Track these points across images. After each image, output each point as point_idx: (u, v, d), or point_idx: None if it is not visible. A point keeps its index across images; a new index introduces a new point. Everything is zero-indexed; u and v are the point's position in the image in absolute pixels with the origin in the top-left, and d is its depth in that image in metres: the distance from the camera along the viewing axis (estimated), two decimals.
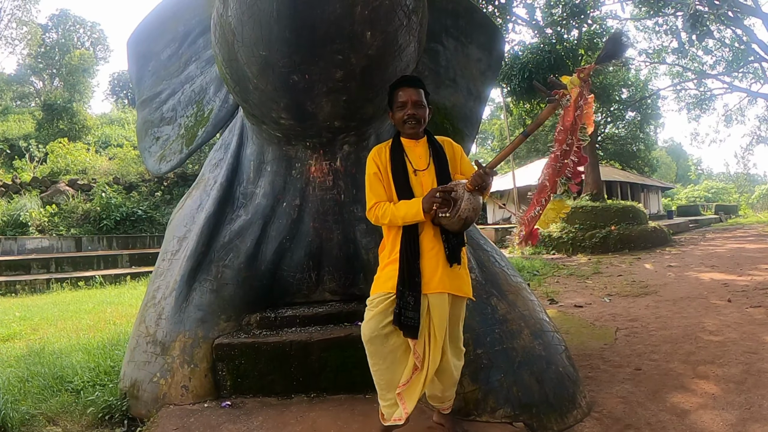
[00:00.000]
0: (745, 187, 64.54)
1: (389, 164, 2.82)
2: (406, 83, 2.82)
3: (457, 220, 2.61)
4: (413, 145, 2.86)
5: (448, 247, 2.75)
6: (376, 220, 2.80)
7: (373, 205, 2.80)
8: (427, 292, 2.70)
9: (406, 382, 2.77)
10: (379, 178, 2.82)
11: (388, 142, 2.91)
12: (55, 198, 18.99)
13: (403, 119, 2.80)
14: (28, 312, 8.74)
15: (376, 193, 2.81)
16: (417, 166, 2.82)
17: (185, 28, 4.64)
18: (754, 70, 26.67)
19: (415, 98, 2.79)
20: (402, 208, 2.70)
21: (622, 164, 33.19)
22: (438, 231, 2.74)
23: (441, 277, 2.72)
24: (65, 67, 39.58)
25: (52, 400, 3.81)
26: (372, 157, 2.87)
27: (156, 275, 4.18)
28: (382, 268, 2.84)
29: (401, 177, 2.79)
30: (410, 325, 2.65)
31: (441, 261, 2.74)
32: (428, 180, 2.80)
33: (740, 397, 3.71)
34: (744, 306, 6.82)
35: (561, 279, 10.85)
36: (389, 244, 2.83)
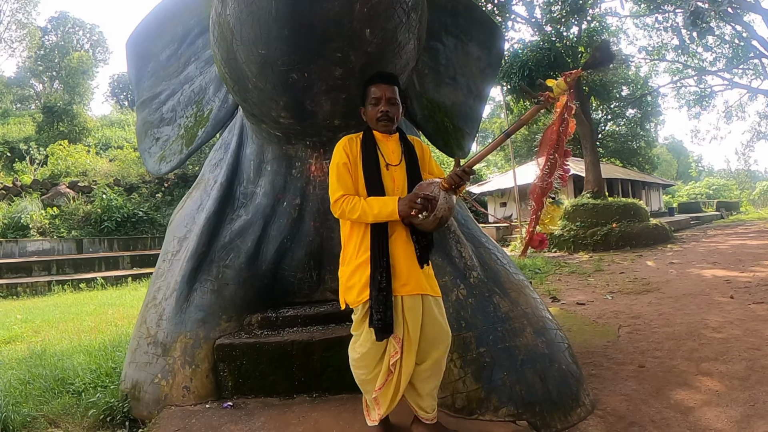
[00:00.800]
0: (746, 183, 64.50)
1: (360, 156, 2.73)
2: (380, 79, 2.74)
3: (433, 219, 2.56)
4: (386, 140, 2.80)
5: (418, 248, 2.70)
6: (342, 214, 2.68)
7: (340, 197, 2.66)
8: (402, 294, 2.64)
9: (381, 386, 2.72)
10: (348, 168, 2.71)
11: (359, 134, 2.82)
12: (56, 200, 18.99)
13: (376, 116, 2.73)
14: (29, 314, 8.74)
15: (344, 184, 2.68)
16: (389, 160, 2.76)
17: (184, 29, 4.63)
18: (755, 66, 26.63)
19: (389, 95, 2.72)
20: (375, 205, 2.60)
21: (622, 162, 33.22)
22: (408, 231, 2.69)
23: (417, 279, 2.67)
24: (65, 70, 39.58)
25: (53, 402, 3.80)
26: (342, 146, 2.76)
27: (156, 276, 4.17)
28: (352, 273, 2.71)
29: (373, 170, 2.70)
30: (380, 327, 2.58)
31: (413, 262, 2.68)
32: (400, 176, 2.74)
33: (744, 394, 3.70)
34: (747, 302, 6.80)
35: (563, 277, 10.83)
36: (354, 244, 2.73)
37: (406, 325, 2.65)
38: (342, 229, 2.82)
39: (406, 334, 2.65)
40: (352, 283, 2.71)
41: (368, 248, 2.66)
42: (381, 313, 2.57)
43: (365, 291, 2.63)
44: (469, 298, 3.53)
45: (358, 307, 2.70)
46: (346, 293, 2.75)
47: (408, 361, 2.69)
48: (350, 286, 2.72)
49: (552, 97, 2.48)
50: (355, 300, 2.69)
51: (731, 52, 25.77)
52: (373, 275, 2.61)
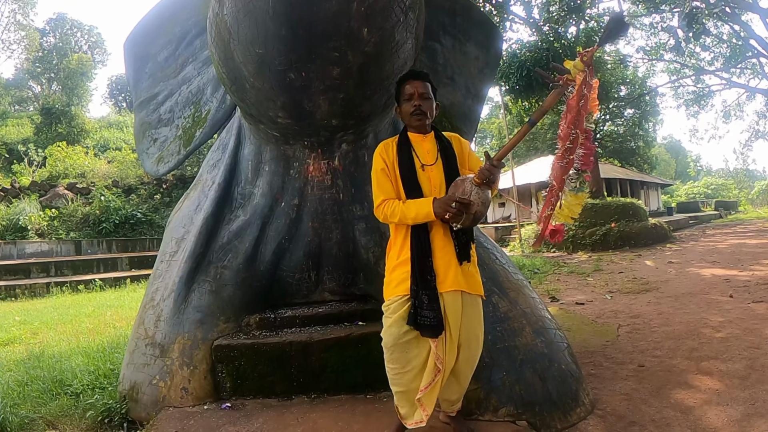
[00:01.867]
0: (745, 182, 64.52)
1: (396, 159, 2.78)
2: (413, 76, 2.81)
3: (467, 216, 2.57)
4: (421, 140, 2.83)
5: (458, 244, 2.71)
6: (385, 219, 2.75)
7: (381, 202, 2.74)
8: (442, 291, 2.66)
9: (426, 386, 2.71)
10: (386, 173, 2.77)
11: (395, 138, 2.87)
12: (54, 202, 18.98)
13: (410, 111, 2.77)
14: (27, 316, 8.72)
15: (383, 190, 2.76)
16: (425, 161, 2.78)
17: (182, 30, 4.63)
18: (752, 65, 26.65)
19: (422, 90, 2.77)
20: (412, 208, 2.65)
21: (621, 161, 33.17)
22: (447, 229, 2.71)
23: (455, 275, 2.69)
24: (63, 71, 39.56)
25: (51, 403, 3.80)
26: (379, 152, 2.82)
27: (154, 277, 4.16)
28: (392, 270, 2.79)
29: (409, 172, 2.75)
30: (427, 325, 2.61)
31: (452, 259, 2.70)
32: (436, 175, 2.76)
33: (744, 393, 3.69)
34: (746, 301, 6.80)
35: (562, 276, 10.83)
36: (397, 245, 2.79)
37: (447, 322, 2.67)
38: (390, 229, 2.89)
39: (447, 331, 2.68)
40: (391, 278, 2.78)
41: (409, 247, 2.72)
42: (435, 311, 2.61)
43: (402, 285, 2.69)
44: None
45: (392, 299, 2.73)
46: (386, 288, 2.81)
47: (450, 358, 2.72)
48: (389, 282, 2.79)
49: (570, 79, 2.45)
50: (392, 292, 2.74)
51: (729, 51, 25.80)
52: (423, 275, 2.65)
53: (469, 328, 2.75)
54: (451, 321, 2.67)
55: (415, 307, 2.63)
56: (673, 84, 28.84)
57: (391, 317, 2.71)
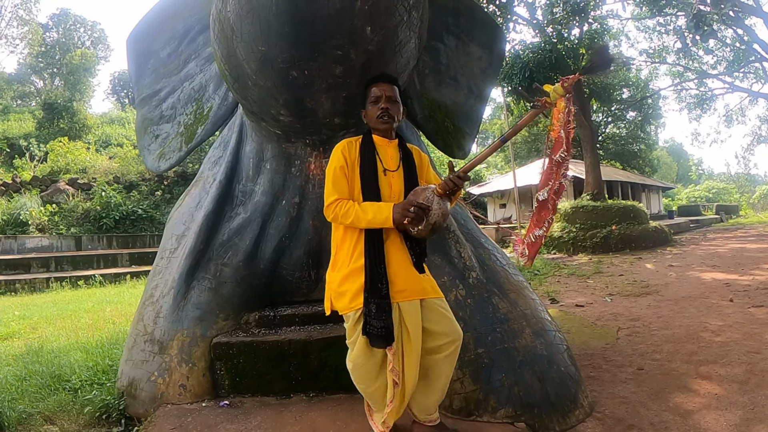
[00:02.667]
0: (746, 187, 64.45)
1: (358, 160, 2.72)
2: (380, 79, 2.75)
3: (425, 225, 2.54)
4: (386, 144, 2.78)
5: (413, 254, 2.68)
6: (335, 219, 2.67)
7: (334, 200, 2.65)
8: (400, 301, 2.61)
9: (391, 401, 2.69)
10: (344, 172, 2.69)
11: (359, 138, 2.80)
12: (55, 197, 18.99)
13: (377, 114, 2.71)
14: (27, 311, 8.74)
15: (338, 189, 2.67)
16: (387, 166, 2.74)
17: (185, 26, 4.62)
18: (755, 69, 26.65)
19: (389, 93, 2.72)
20: (369, 210, 2.58)
21: (623, 164, 33.22)
22: (402, 237, 2.68)
23: (413, 285, 2.65)
24: (66, 67, 39.66)
25: (49, 399, 3.79)
26: (340, 149, 2.74)
27: (154, 273, 4.15)
28: (344, 279, 2.67)
29: (370, 175, 2.69)
30: (375, 335, 2.54)
31: (409, 267, 2.66)
32: (397, 182, 2.73)
33: (743, 398, 3.68)
34: (746, 306, 6.79)
35: (562, 278, 10.82)
36: (346, 250, 2.70)
37: (406, 331, 2.62)
38: (334, 233, 2.80)
39: (407, 341, 2.63)
40: (343, 289, 2.67)
41: (362, 254, 2.64)
42: (384, 320, 2.53)
43: (358, 298, 2.60)
44: (468, 299, 3.52)
45: (350, 315, 2.67)
46: (337, 299, 2.71)
47: (411, 369, 2.67)
48: (342, 292, 2.68)
49: (549, 102, 2.47)
50: (347, 306, 2.65)
51: (732, 55, 25.81)
52: (373, 283, 2.57)
53: (444, 322, 2.69)
54: (412, 331, 2.62)
55: (365, 315, 2.57)
56: (675, 87, 28.86)
57: (356, 332, 2.65)
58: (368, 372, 2.70)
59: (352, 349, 2.72)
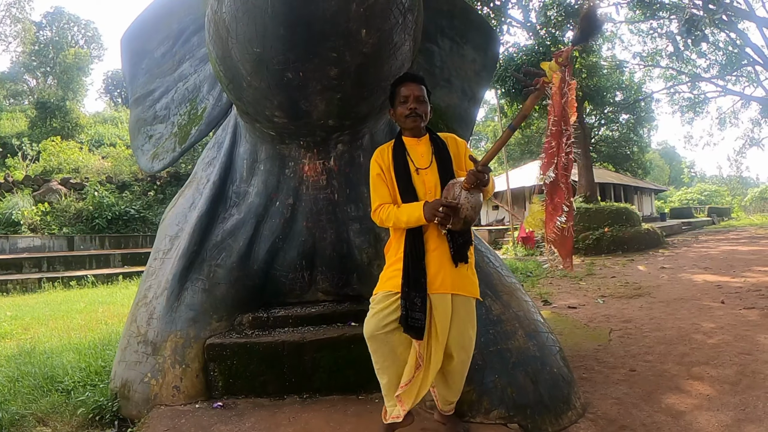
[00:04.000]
0: (738, 189, 64.84)
1: (392, 164, 2.80)
2: (408, 79, 2.82)
3: (457, 220, 2.57)
4: (415, 144, 2.83)
5: (453, 246, 2.70)
6: (381, 222, 2.78)
7: (377, 207, 2.78)
8: (431, 293, 2.66)
9: (407, 382, 2.72)
10: (382, 179, 2.80)
11: (391, 143, 2.88)
12: (48, 197, 18.90)
13: (405, 114, 2.77)
14: (19, 311, 8.69)
15: (380, 195, 2.79)
16: (419, 164, 2.79)
17: (179, 26, 4.61)
18: (748, 73, 26.77)
19: (417, 93, 2.77)
20: (404, 211, 2.67)
21: (615, 166, 33.29)
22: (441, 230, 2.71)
23: (444, 277, 2.68)
24: (59, 66, 39.44)
25: (42, 400, 3.77)
26: (375, 158, 2.85)
27: (148, 274, 4.15)
28: (387, 267, 2.82)
29: (403, 176, 2.76)
30: (416, 327, 2.62)
31: (445, 261, 2.70)
32: (431, 178, 2.77)
33: (735, 398, 3.70)
34: (737, 307, 6.82)
35: (554, 280, 10.84)
36: (394, 244, 2.81)
37: (434, 324, 2.68)
38: (390, 232, 2.90)
39: (434, 333, 2.69)
40: (383, 275, 2.82)
41: (403, 248, 2.73)
42: (422, 312, 2.62)
43: (390, 281, 2.72)
44: None
45: (379, 292, 2.76)
46: (378, 283, 2.83)
47: (436, 359, 2.72)
48: (382, 277, 2.82)
49: (546, 81, 2.46)
50: (381, 287, 2.77)
51: (725, 59, 25.90)
52: (416, 277, 2.65)
53: (461, 331, 2.75)
54: (439, 323, 2.67)
55: (406, 308, 2.63)
56: (668, 90, 28.96)
57: (374, 308, 2.73)
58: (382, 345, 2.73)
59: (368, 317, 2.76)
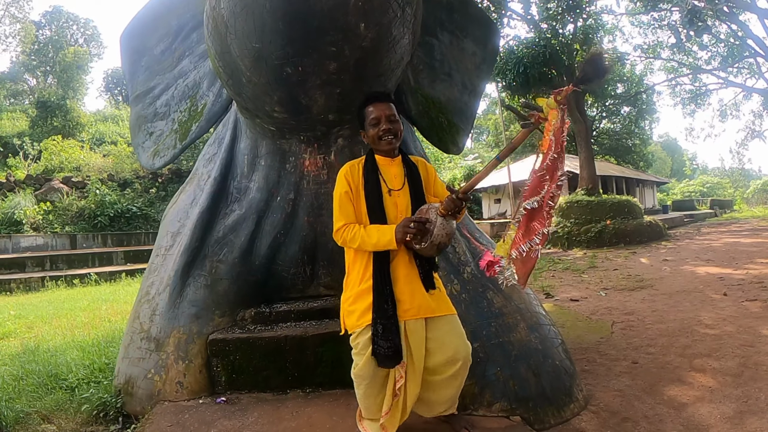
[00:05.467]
0: (740, 181, 64.63)
1: (362, 183, 2.74)
2: (375, 99, 2.76)
3: (430, 245, 2.55)
4: (388, 164, 2.79)
5: (422, 272, 2.69)
6: (344, 243, 2.71)
7: (342, 226, 2.69)
8: (406, 319, 2.63)
9: (387, 411, 2.70)
10: (350, 197, 2.72)
11: (361, 160, 2.82)
12: (50, 196, 18.94)
13: (379, 135, 2.72)
14: (22, 310, 8.72)
15: (345, 214, 2.71)
16: (392, 185, 2.75)
17: (178, 23, 4.61)
18: (749, 65, 26.68)
19: (388, 113, 2.72)
20: (374, 234, 2.61)
21: (617, 159, 33.29)
22: (411, 255, 2.69)
23: (420, 302, 2.66)
24: (59, 64, 39.46)
25: (46, 398, 3.80)
26: (344, 174, 2.77)
27: (150, 271, 4.16)
28: (354, 298, 2.72)
29: (375, 197, 2.71)
30: (383, 354, 2.57)
31: (416, 286, 2.68)
32: (403, 201, 2.73)
33: (737, 390, 3.71)
34: (740, 299, 6.83)
35: (557, 273, 10.85)
36: (357, 271, 2.74)
37: (409, 350, 2.64)
38: (346, 255, 2.84)
39: (410, 359, 2.65)
40: (353, 308, 2.72)
41: (371, 275, 2.67)
42: (391, 340, 2.56)
43: (365, 316, 2.64)
44: (463, 294, 3.53)
45: (357, 331, 2.69)
46: (347, 317, 2.76)
47: (413, 386, 2.70)
48: (351, 311, 2.73)
49: (542, 117, 2.45)
50: (354, 324, 2.70)
51: (726, 50, 25.83)
52: (379, 304, 2.60)
53: (447, 350, 2.69)
54: (414, 350, 2.64)
55: (373, 336, 2.59)
56: (670, 82, 28.88)
57: (363, 354, 2.66)
58: (373, 386, 2.71)
59: (358, 363, 2.72)
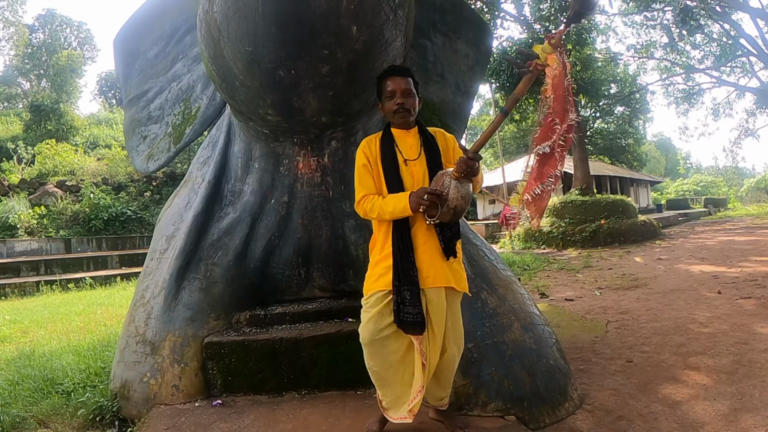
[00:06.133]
0: (734, 180, 64.94)
1: (379, 155, 2.77)
2: (394, 72, 2.78)
3: (447, 210, 2.54)
4: (404, 135, 2.82)
5: (442, 240, 2.69)
6: (365, 214, 2.75)
7: (361, 198, 2.75)
8: (425, 287, 2.65)
9: (421, 388, 2.70)
10: (368, 169, 2.77)
11: (378, 134, 2.86)
12: (44, 200, 18.86)
13: (393, 109, 2.75)
14: (17, 315, 8.68)
15: (365, 186, 2.76)
16: (407, 155, 2.77)
17: (172, 26, 4.62)
18: (742, 64, 26.78)
19: (404, 87, 2.75)
20: (390, 202, 2.64)
21: (611, 159, 33.36)
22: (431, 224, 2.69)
23: (438, 271, 2.67)
24: (52, 68, 39.36)
25: (42, 402, 3.78)
26: (362, 148, 2.82)
27: (145, 274, 4.16)
28: (374, 265, 2.77)
29: (391, 167, 2.74)
30: (410, 321, 2.59)
31: (436, 254, 2.68)
32: (419, 170, 2.75)
33: (731, 388, 3.73)
34: (734, 297, 6.85)
35: (551, 273, 10.87)
36: (380, 240, 2.77)
37: (429, 319, 2.66)
38: (373, 228, 2.86)
39: (430, 327, 2.67)
40: (371, 273, 2.77)
41: (391, 243, 2.70)
42: (418, 307, 2.59)
43: (381, 280, 2.68)
44: None
45: (371, 294, 2.72)
46: (366, 282, 2.80)
47: (434, 355, 2.72)
48: (369, 276, 2.78)
49: (540, 64, 2.44)
50: (369, 287, 2.74)
51: (719, 50, 25.90)
52: (405, 271, 2.62)
53: (455, 325, 2.77)
54: (434, 318, 2.66)
55: (398, 303, 2.61)
56: (663, 82, 28.93)
57: (369, 311, 2.70)
58: (380, 348, 2.72)
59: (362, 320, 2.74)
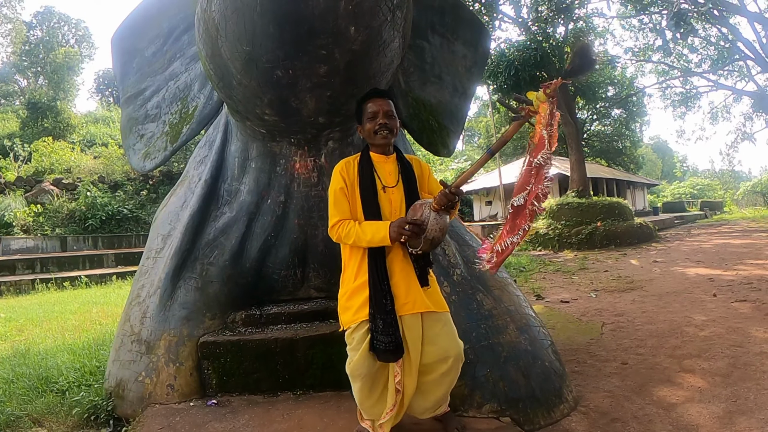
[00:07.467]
0: (730, 183, 64.99)
1: (357, 179, 2.75)
2: (376, 95, 2.79)
3: (424, 241, 2.55)
4: (383, 161, 2.81)
5: (417, 268, 2.70)
6: (338, 239, 2.71)
7: (336, 222, 2.71)
8: (403, 314, 2.64)
9: (392, 408, 2.71)
10: (344, 193, 2.74)
11: (356, 156, 2.84)
12: (40, 197, 18.83)
13: (374, 129, 2.74)
14: (13, 313, 8.67)
15: (340, 210, 2.72)
16: (386, 182, 2.76)
17: (170, 25, 4.60)
18: (739, 68, 26.84)
19: (387, 108, 2.75)
20: (368, 230, 2.62)
21: (608, 161, 33.42)
22: (406, 251, 2.69)
23: (417, 297, 2.67)
24: (50, 65, 39.30)
25: (37, 401, 3.78)
26: (339, 170, 2.79)
27: (140, 273, 4.15)
28: (350, 294, 2.73)
29: (369, 193, 2.72)
30: (382, 349, 2.58)
31: (412, 281, 2.68)
32: (397, 197, 2.75)
33: (726, 390, 3.74)
34: (729, 300, 6.87)
35: (547, 275, 10.88)
36: (352, 267, 2.75)
37: (406, 345, 2.65)
38: (342, 251, 2.84)
39: (406, 354, 2.66)
40: (349, 304, 2.72)
41: (366, 270, 2.68)
42: (391, 335, 2.57)
43: (361, 311, 2.65)
44: (453, 296, 3.54)
45: (353, 327, 2.69)
46: (343, 313, 2.76)
47: (410, 381, 2.71)
48: (347, 307, 2.73)
49: (532, 110, 2.46)
50: (350, 319, 2.69)
51: (716, 53, 25.97)
52: (378, 299, 2.60)
53: (441, 345, 2.72)
54: (411, 344, 2.65)
55: (372, 331, 2.60)
56: (660, 85, 29.01)
57: (358, 349, 2.66)
58: (368, 382, 2.71)
59: (352, 359, 2.71)
